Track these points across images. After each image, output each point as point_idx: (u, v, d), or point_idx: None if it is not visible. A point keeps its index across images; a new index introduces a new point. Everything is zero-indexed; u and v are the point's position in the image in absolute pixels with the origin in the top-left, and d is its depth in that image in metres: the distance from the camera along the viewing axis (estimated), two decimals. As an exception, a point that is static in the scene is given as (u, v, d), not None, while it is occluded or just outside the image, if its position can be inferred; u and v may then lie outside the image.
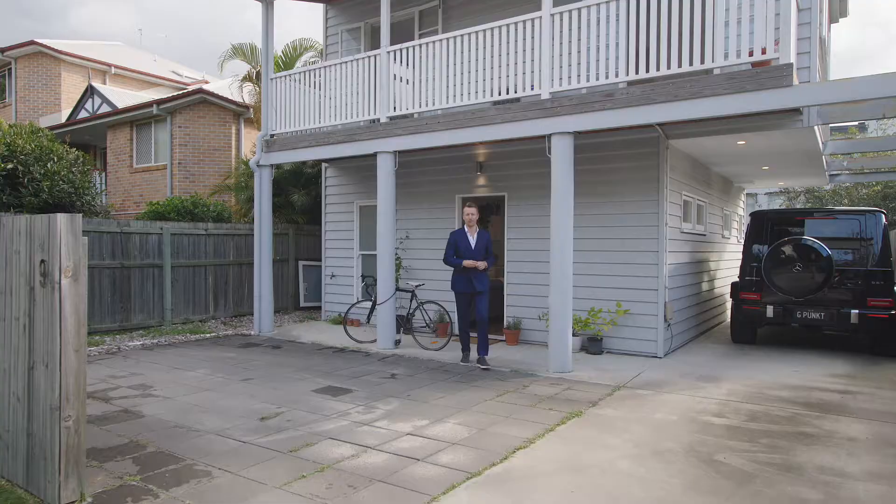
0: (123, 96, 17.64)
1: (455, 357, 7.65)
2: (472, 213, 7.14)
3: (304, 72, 9.37)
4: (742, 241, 13.38)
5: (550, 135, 6.97)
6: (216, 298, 10.87)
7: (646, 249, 7.83)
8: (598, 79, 6.72)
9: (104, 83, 20.57)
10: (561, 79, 6.97)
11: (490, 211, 12.09)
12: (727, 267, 11.61)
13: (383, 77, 8.37)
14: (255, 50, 14.06)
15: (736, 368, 7.13)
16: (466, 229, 7.12)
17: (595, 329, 8.00)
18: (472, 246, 7.04)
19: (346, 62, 8.86)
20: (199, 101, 14.87)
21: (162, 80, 22.24)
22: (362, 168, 10.28)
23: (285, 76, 9.57)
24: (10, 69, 20.01)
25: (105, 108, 17.11)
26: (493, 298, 10.17)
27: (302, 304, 12.27)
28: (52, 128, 17.73)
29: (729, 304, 11.80)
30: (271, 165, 9.82)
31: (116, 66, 20.87)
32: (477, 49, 7.58)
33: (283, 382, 6.40)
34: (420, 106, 8.15)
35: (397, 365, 7.35)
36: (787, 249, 7.99)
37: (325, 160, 9.85)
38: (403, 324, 8.73)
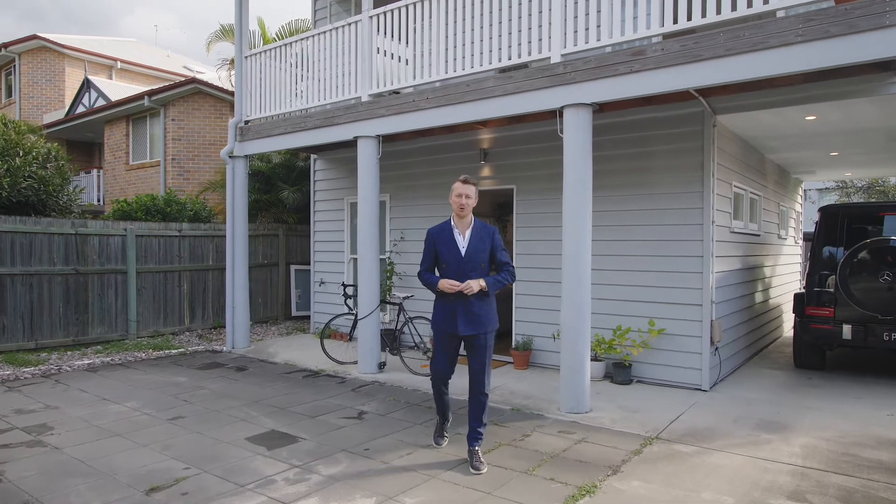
0: (120, 90, 16.72)
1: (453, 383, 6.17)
2: (465, 193, 4.13)
3: (280, 46, 8.04)
4: (800, 242, 11.56)
5: (562, 108, 5.45)
6: (192, 308, 9.66)
7: (687, 254, 6.22)
8: (623, 33, 5.17)
9: (110, 78, 19.81)
10: (576, 36, 5.44)
11: (510, 209, 10.58)
12: (783, 272, 9.83)
13: (365, 47, 6.97)
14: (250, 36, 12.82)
15: (807, 409, 5.48)
16: (454, 223, 4.19)
17: (622, 353, 6.43)
18: (463, 251, 4.08)
19: (325, 32, 7.49)
20: (193, 92, 13.77)
21: (171, 75, 21.34)
22: (352, 159, 8.88)
23: (261, 52, 8.27)
24: (14, 66, 19.39)
25: (102, 103, 16.21)
26: (499, 310, 8.73)
27: (294, 312, 10.98)
28: (51, 124, 16.98)
29: (789, 319, 10.07)
30: (246, 156, 8.53)
31: (122, 61, 20.07)
32: (473, 7, 6.12)
33: (217, 424, 5.05)
34: (407, 79, 6.72)
35: (372, 397, 5.94)
36: (871, 253, 6.28)
37: (302, 148, 8.54)
38: (390, 342, 7.32)
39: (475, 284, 4.03)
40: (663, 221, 6.38)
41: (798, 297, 7.00)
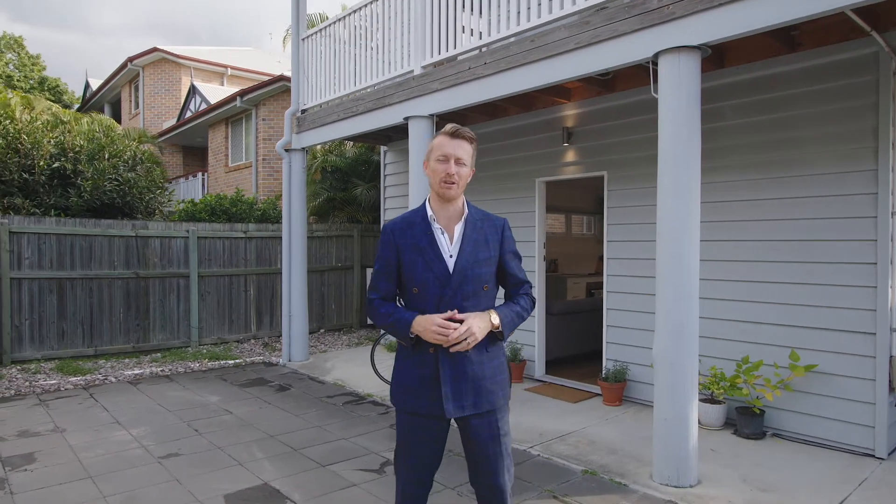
0: (221, 94, 17.03)
1: (514, 425, 4.83)
2: (456, 157, 2.23)
3: (334, 23, 7.11)
4: None
5: (657, 55, 3.90)
6: (259, 314, 9.08)
7: (851, 260, 4.36)
8: (747, -64, 3.53)
9: (222, 84, 20.46)
10: (677, -46, 3.86)
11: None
12: None
13: (417, 10, 5.81)
14: (325, 20, 12.20)
15: None
16: (433, 210, 2.29)
17: (750, 394, 4.69)
18: (451, 263, 2.22)
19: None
20: (281, 91, 13.48)
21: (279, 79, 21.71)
22: (420, 148, 7.78)
23: (316, 33, 7.41)
24: (139, 78, 20.65)
25: (204, 107, 16.60)
26: (589, 326, 7.16)
27: (369, 320, 10.09)
28: (165, 131, 17.74)
29: None
30: (303, 149, 7.72)
31: (232, 68, 20.66)
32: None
33: (209, 467, 4.13)
34: (463, 43, 5.46)
35: (410, 439, 4.74)
36: None
37: (357, 137, 7.48)
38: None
39: (476, 326, 2.14)
40: (812, 214, 4.55)
41: None
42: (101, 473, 4.03)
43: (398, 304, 2.35)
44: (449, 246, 2.26)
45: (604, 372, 5.77)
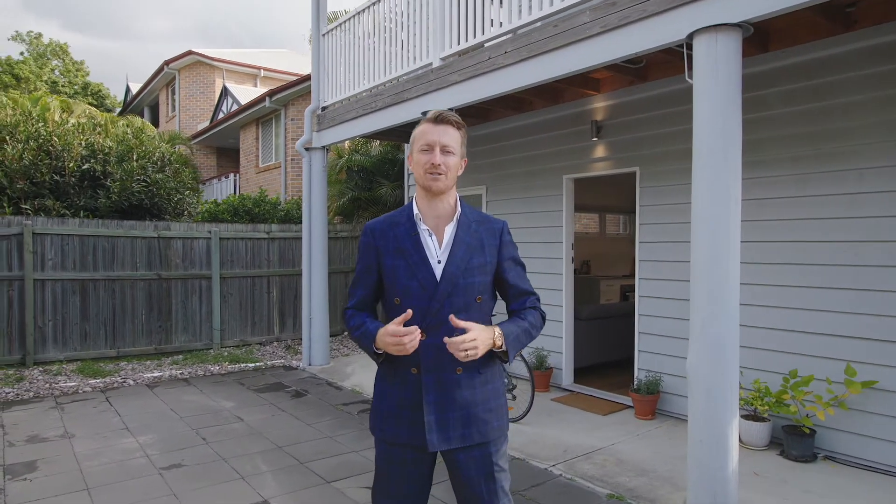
0: (252, 95, 17.10)
1: (536, 440, 4.49)
2: (443, 145, 1.89)
3: (355, 16, 6.89)
4: None
5: (691, 36, 3.51)
6: (282, 316, 8.94)
7: (915, 263, 3.87)
8: None
9: (255, 86, 20.62)
10: (714, -77, 3.46)
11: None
12: None
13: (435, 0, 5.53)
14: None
15: None
16: (419, 208, 1.96)
17: (799, 412, 4.24)
18: (439, 270, 1.90)
19: (396, -10, 6.17)
20: (310, 90, 13.37)
21: (308, 79, 21.76)
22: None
23: (336, 28, 7.21)
24: (175, 82, 20.98)
25: (236, 108, 16.69)
26: (620, 331, 6.74)
27: (395, 322, 9.85)
28: (198, 133, 17.94)
29: None
30: (324, 147, 7.53)
31: (265, 69, 20.77)
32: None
33: (210, 481, 3.92)
34: (480, 32, 5.14)
35: (423, 453, 4.45)
36: None
37: (374, 134, 7.16)
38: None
39: (482, 339, 1.80)
40: (867, 212, 4.07)
41: None
42: (100, 485, 3.87)
43: (375, 313, 2.07)
44: (437, 250, 1.94)
45: (635, 382, 5.37)
